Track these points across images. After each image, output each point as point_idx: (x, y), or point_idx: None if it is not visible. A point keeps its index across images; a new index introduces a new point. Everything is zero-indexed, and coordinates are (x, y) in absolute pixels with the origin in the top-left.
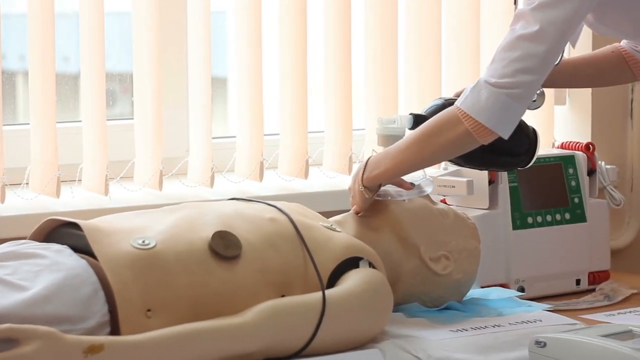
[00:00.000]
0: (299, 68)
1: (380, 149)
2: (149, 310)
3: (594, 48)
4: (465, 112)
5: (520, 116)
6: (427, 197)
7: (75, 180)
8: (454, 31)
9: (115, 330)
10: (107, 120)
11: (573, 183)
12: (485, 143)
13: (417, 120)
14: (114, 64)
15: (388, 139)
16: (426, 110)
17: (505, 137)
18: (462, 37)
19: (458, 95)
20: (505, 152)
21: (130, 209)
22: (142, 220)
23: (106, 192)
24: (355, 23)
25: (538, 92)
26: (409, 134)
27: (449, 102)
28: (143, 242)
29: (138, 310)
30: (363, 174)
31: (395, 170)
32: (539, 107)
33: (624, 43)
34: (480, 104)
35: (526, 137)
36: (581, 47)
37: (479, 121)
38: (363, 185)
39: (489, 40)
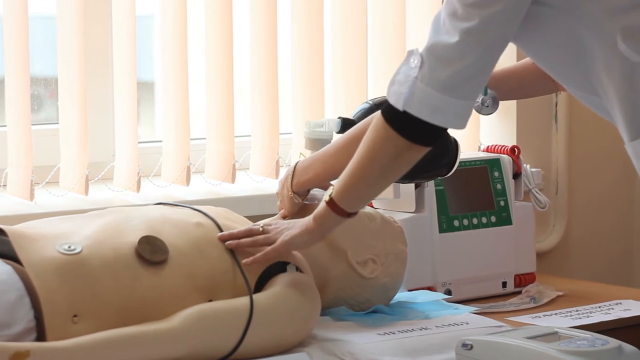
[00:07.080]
0: (226, 72)
1: (308, 153)
2: (75, 315)
3: (519, 59)
4: None
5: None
6: None
7: (0, 186)
8: (379, 34)
9: (41, 336)
10: (32, 125)
11: (499, 186)
12: None
13: (346, 124)
14: (39, 69)
15: (316, 142)
16: (354, 115)
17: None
18: (388, 40)
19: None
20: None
21: (56, 214)
22: (68, 225)
23: (32, 198)
24: (281, 26)
25: (493, 97)
26: (337, 137)
27: (376, 105)
28: (69, 247)
29: (64, 316)
30: (292, 180)
31: (325, 175)
32: (492, 112)
33: None
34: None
35: (447, 147)
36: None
37: None
38: (292, 191)
39: (415, 43)
